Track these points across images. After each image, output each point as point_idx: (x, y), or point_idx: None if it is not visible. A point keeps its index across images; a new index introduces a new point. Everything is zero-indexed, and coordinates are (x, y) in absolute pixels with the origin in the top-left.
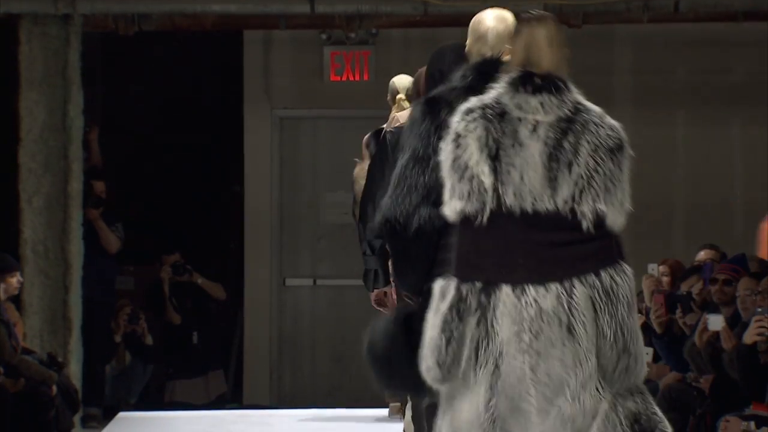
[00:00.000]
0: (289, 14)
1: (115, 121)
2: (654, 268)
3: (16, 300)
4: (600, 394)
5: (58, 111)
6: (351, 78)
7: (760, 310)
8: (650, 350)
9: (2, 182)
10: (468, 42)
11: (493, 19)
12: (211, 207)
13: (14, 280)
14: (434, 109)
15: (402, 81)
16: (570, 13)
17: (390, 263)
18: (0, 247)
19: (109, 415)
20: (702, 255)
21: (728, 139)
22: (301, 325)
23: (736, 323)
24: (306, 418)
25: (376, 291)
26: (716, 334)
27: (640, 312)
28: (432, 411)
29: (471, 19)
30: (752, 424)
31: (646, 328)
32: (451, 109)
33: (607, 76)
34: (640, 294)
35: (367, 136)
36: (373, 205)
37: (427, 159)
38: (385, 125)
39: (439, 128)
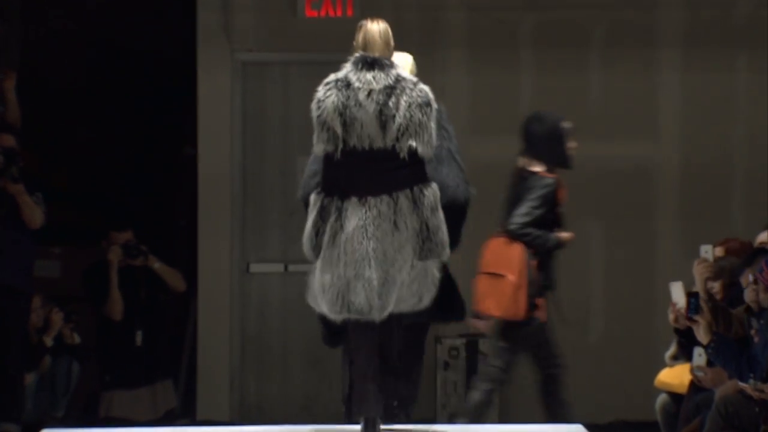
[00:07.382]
0: None
1: (36, 67)
2: (708, 251)
3: None
4: (415, 264)
5: None
6: (331, 13)
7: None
8: (703, 351)
9: None
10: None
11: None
12: (158, 174)
13: None
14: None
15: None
16: None
17: None
18: None
19: None
20: (764, 236)
21: None
22: (270, 322)
23: None
24: None
25: None
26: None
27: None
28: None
29: None
30: None
31: None
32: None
33: (649, 12)
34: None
35: None
36: None
37: None
38: None
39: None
